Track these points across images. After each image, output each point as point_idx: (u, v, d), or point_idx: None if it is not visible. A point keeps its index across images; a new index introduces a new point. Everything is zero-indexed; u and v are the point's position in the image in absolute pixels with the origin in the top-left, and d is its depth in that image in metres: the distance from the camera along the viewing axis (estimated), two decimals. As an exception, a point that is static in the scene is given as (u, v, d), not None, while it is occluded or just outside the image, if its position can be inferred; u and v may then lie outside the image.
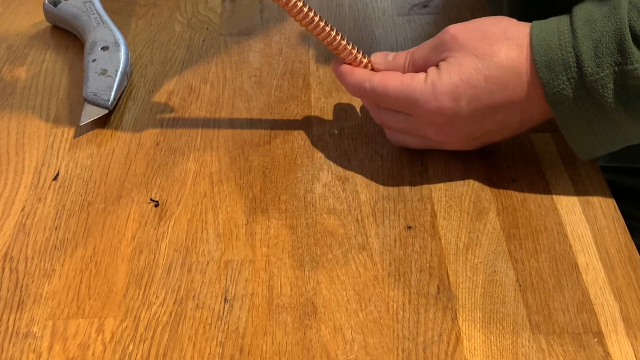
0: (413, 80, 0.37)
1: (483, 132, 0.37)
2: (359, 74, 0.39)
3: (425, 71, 0.37)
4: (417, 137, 0.39)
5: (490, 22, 0.37)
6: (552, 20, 0.35)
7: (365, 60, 0.40)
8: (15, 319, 0.33)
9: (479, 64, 0.35)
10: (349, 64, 0.40)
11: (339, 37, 0.39)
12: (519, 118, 0.37)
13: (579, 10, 0.35)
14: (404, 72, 0.38)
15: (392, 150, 0.41)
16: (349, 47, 0.39)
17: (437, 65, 0.37)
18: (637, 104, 0.34)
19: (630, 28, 0.33)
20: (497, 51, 0.35)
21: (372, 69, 0.40)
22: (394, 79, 0.37)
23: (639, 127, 0.35)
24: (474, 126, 0.37)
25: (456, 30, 0.37)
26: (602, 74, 0.33)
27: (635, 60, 0.32)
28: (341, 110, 0.44)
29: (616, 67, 0.33)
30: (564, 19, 0.35)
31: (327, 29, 0.38)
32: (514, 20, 0.37)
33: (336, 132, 0.43)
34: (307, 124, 0.43)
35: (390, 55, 0.39)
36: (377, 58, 0.40)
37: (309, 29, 0.38)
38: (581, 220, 0.37)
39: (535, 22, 0.36)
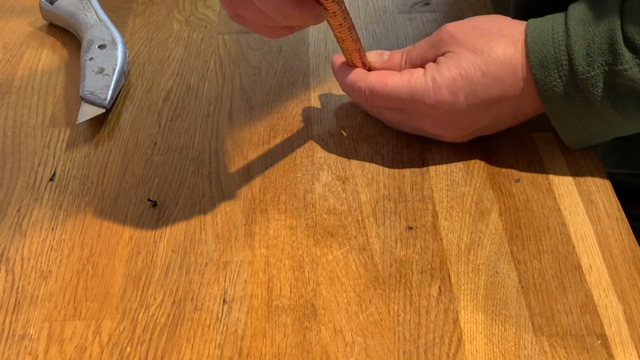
0: (412, 75, 0.37)
1: (478, 126, 0.38)
2: (354, 73, 0.39)
3: (422, 66, 0.38)
4: (414, 128, 0.40)
5: (486, 19, 0.38)
6: (548, 18, 0.36)
7: (366, 62, 0.40)
8: (11, 321, 0.33)
9: (477, 59, 0.36)
10: (352, 63, 0.40)
11: (358, 42, 0.38)
12: (513, 113, 0.38)
13: (574, 10, 0.36)
14: (398, 70, 0.39)
15: (393, 150, 0.41)
16: (360, 48, 0.39)
17: (434, 61, 0.37)
18: (626, 101, 0.35)
19: (622, 30, 0.34)
20: (494, 47, 0.36)
21: (369, 68, 0.40)
22: (392, 76, 0.38)
23: (627, 123, 0.36)
24: (469, 120, 0.37)
25: (453, 28, 0.37)
26: (592, 73, 0.34)
27: (625, 61, 0.33)
28: (341, 109, 0.44)
29: (606, 67, 0.34)
30: (558, 17, 0.36)
31: (355, 34, 0.38)
32: (509, 18, 0.38)
33: (336, 131, 0.42)
34: (306, 123, 0.43)
35: (385, 54, 0.40)
36: (372, 57, 0.40)
37: (340, 33, 0.37)
38: (584, 220, 0.37)
39: (532, 20, 0.37)
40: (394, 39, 0.49)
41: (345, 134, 0.41)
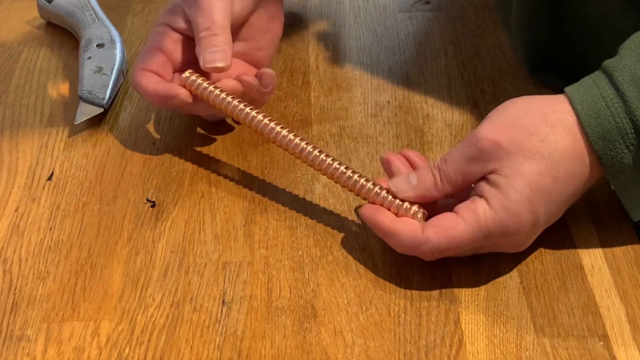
0: (478, 215, 0.31)
1: (552, 223, 0.34)
2: (406, 235, 0.32)
3: (466, 185, 0.33)
4: (480, 252, 0.34)
5: (520, 110, 0.32)
6: (589, 85, 0.32)
7: (380, 192, 0.34)
8: (8, 322, 0.33)
9: (541, 166, 0.31)
10: (360, 195, 0.34)
11: (349, 172, 0.34)
12: (580, 195, 0.34)
13: (620, 70, 0.32)
14: (437, 193, 0.33)
15: (393, 149, 0.41)
16: (354, 176, 0.34)
17: (486, 180, 0.32)
18: None
19: None
20: (552, 145, 0.31)
21: (385, 192, 0.34)
22: (455, 225, 0.32)
23: None
24: (546, 224, 0.34)
25: (492, 134, 0.32)
26: None
27: None
28: (341, 108, 0.44)
29: None
30: (601, 81, 0.32)
31: (321, 155, 0.35)
32: (540, 98, 0.33)
33: (336, 131, 0.42)
34: (306, 123, 0.43)
35: (413, 178, 0.33)
36: (399, 185, 0.34)
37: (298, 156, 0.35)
38: (587, 220, 0.36)
39: (571, 92, 0.32)
40: (394, 38, 0.49)
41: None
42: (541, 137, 0.32)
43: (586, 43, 0.41)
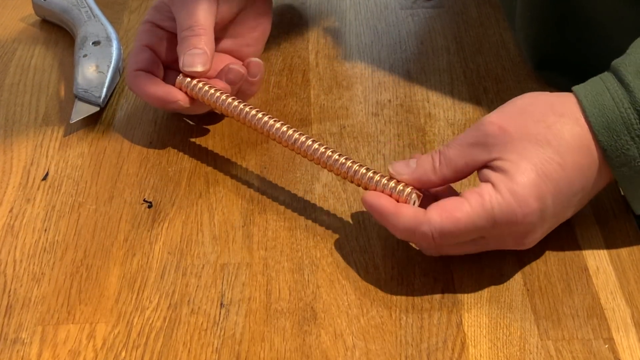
0: (483, 197, 0.31)
1: (556, 226, 0.33)
2: (408, 215, 0.32)
3: (467, 172, 0.33)
4: (483, 249, 0.34)
5: (528, 101, 0.33)
6: (595, 81, 0.33)
7: (382, 180, 0.33)
8: (3, 325, 0.32)
9: (548, 151, 0.31)
10: (359, 184, 0.34)
11: (346, 161, 0.34)
12: (589, 197, 0.33)
13: (625, 65, 0.32)
14: (435, 177, 0.33)
15: (394, 149, 0.40)
16: (351, 164, 0.34)
17: (490, 167, 0.32)
18: None
19: None
20: (559, 132, 0.31)
21: (388, 179, 0.33)
22: (459, 206, 0.31)
23: None
24: (555, 220, 0.33)
25: (499, 120, 0.32)
26: None
27: None
28: (342, 107, 0.43)
29: None
30: (607, 77, 0.32)
31: (314, 145, 0.35)
32: (548, 93, 0.33)
33: (336, 130, 0.42)
34: (306, 121, 0.42)
35: (412, 162, 0.34)
36: (399, 169, 0.34)
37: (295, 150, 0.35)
38: (591, 221, 0.36)
39: (577, 87, 0.33)
40: (396, 35, 0.48)
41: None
42: (548, 124, 0.31)
43: (591, 40, 0.41)
